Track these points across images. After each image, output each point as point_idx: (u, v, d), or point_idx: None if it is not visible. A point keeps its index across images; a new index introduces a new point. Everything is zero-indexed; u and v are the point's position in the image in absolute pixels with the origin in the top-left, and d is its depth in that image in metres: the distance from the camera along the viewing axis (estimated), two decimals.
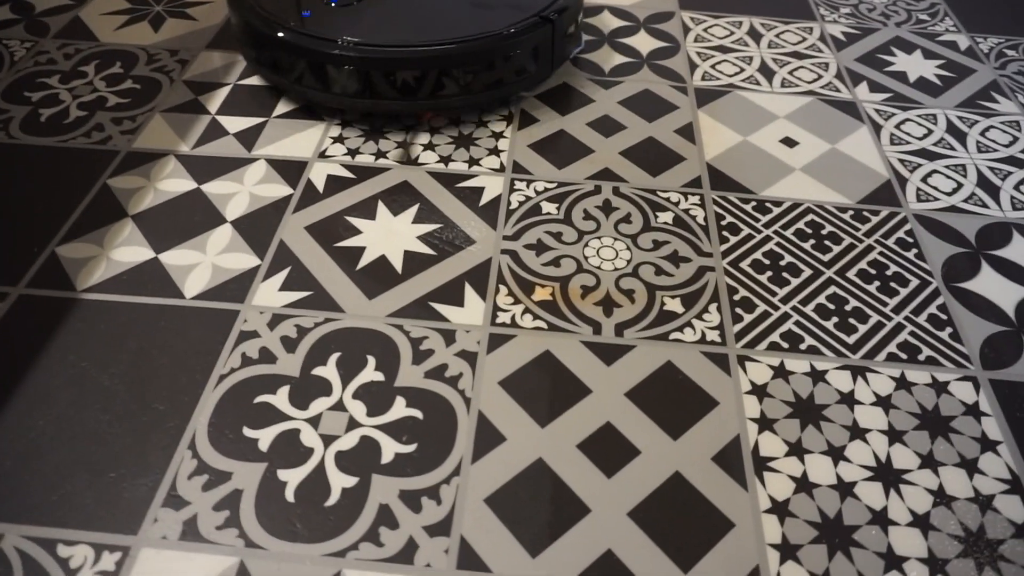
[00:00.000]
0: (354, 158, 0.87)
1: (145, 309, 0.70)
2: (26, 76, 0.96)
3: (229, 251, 0.76)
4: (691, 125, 0.94)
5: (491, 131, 0.91)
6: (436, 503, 0.57)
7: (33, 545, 0.54)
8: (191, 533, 0.55)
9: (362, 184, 0.84)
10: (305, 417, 0.62)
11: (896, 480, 0.60)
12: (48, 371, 0.65)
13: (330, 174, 0.85)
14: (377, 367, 0.66)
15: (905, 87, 1.02)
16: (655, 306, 0.72)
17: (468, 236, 0.77)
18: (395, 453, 0.60)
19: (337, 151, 0.88)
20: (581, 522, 0.57)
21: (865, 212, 0.83)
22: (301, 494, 0.57)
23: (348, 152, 0.87)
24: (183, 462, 0.59)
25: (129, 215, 0.79)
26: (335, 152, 0.87)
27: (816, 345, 0.70)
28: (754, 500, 0.59)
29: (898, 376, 0.68)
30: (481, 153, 0.88)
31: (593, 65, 1.03)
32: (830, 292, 0.75)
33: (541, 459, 0.60)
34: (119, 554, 0.54)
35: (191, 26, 1.07)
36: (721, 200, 0.84)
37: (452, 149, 0.88)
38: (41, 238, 0.76)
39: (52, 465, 0.59)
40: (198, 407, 0.63)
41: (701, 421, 0.64)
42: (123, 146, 0.87)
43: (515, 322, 0.70)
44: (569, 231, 0.79)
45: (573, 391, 0.65)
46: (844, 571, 0.55)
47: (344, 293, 0.72)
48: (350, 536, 0.55)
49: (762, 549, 0.56)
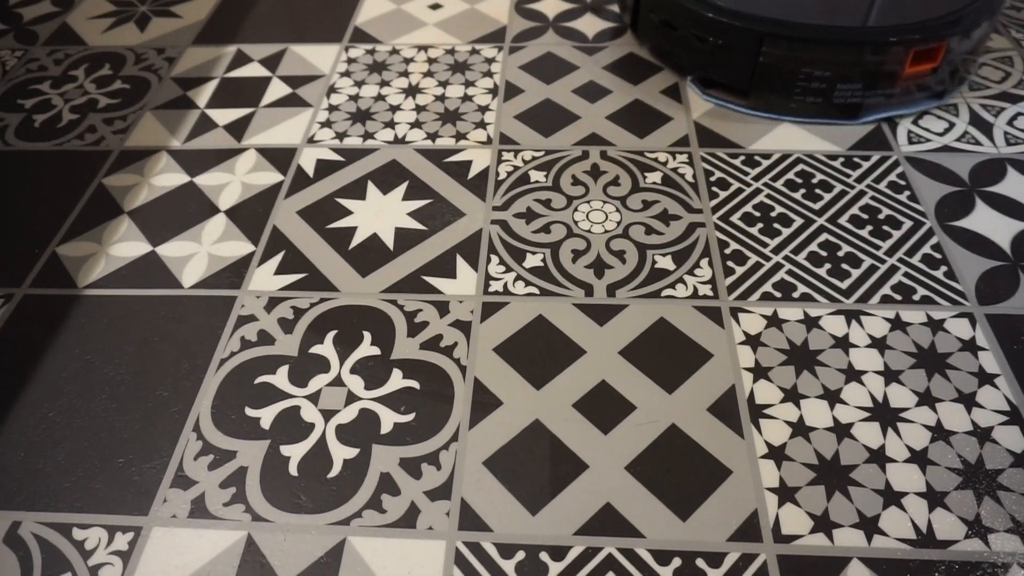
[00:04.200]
0: (342, 141, 0.87)
1: (145, 301, 0.71)
2: (19, 84, 0.98)
3: (224, 240, 0.77)
4: (677, 85, 0.93)
5: (477, 105, 0.91)
6: (436, 468, 0.58)
7: (49, 530, 0.56)
8: (199, 511, 0.57)
9: (351, 166, 0.84)
10: (305, 394, 0.64)
11: (893, 419, 0.61)
12: (56, 365, 0.67)
13: (319, 158, 0.85)
14: (373, 342, 0.67)
15: None
16: (646, 265, 0.72)
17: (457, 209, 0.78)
18: (394, 423, 0.61)
19: (325, 135, 0.88)
20: (579, 478, 0.58)
21: (856, 158, 0.83)
22: (304, 468, 0.59)
23: (336, 136, 0.88)
24: (189, 444, 0.61)
25: (125, 211, 0.80)
26: (323, 136, 0.88)
27: (809, 292, 0.70)
28: (751, 447, 0.59)
29: (892, 317, 0.67)
30: (467, 127, 0.88)
31: (577, 32, 1.03)
32: (822, 239, 0.74)
33: (538, 420, 0.61)
34: (131, 534, 0.56)
35: (176, 24, 1.08)
36: (709, 157, 0.84)
37: (439, 125, 0.89)
38: (42, 239, 0.78)
39: (64, 453, 0.60)
40: (201, 391, 0.64)
41: (696, 374, 0.64)
42: (116, 145, 0.89)
43: (507, 290, 0.71)
44: (558, 197, 0.79)
45: (567, 353, 0.66)
46: (843, 509, 0.55)
47: (338, 273, 0.73)
48: (353, 505, 0.57)
49: (760, 493, 0.56)
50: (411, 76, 0.96)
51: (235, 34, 1.06)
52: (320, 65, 0.99)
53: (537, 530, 0.55)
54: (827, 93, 0.83)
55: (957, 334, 0.66)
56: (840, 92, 0.83)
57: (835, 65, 0.81)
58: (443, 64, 0.98)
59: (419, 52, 1.00)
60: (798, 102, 0.85)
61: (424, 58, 0.99)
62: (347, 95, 0.94)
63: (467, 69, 0.97)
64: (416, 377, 0.64)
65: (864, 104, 0.84)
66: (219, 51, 1.03)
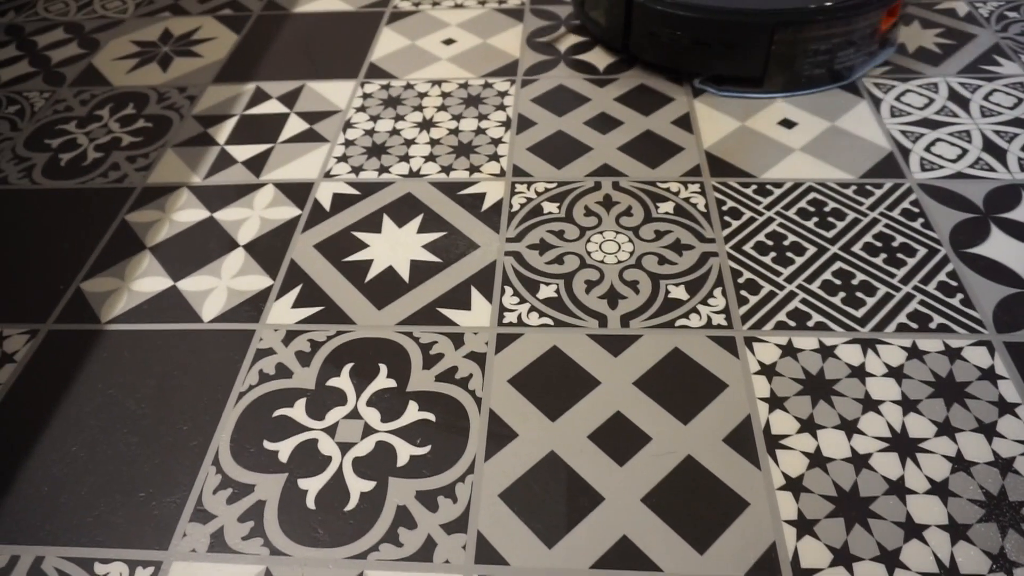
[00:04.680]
0: (358, 175, 0.89)
1: (166, 335, 0.73)
2: (46, 124, 1.01)
3: (243, 274, 0.78)
4: (688, 115, 0.94)
5: (490, 137, 0.93)
6: (452, 501, 0.59)
7: (72, 565, 0.57)
8: (218, 545, 0.57)
9: (367, 199, 0.86)
10: (322, 427, 0.64)
11: (912, 449, 0.60)
12: (78, 399, 0.68)
13: (336, 192, 0.87)
14: (389, 374, 0.68)
15: (903, 58, 1.02)
16: (660, 295, 0.73)
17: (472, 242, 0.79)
18: (410, 456, 0.62)
19: (342, 170, 0.90)
20: (595, 511, 0.58)
21: (868, 186, 0.83)
22: (321, 501, 0.59)
23: (352, 170, 0.90)
24: (208, 478, 0.61)
25: (147, 247, 0.82)
26: (340, 171, 0.90)
27: (824, 321, 0.70)
28: (767, 478, 0.59)
29: (909, 346, 0.67)
30: (481, 160, 0.90)
31: (587, 65, 1.05)
32: (836, 268, 0.74)
33: (553, 452, 0.61)
34: (152, 569, 0.56)
35: (197, 63, 1.11)
36: (721, 186, 0.84)
37: (453, 158, 0.90)
38: (66, 275, 0.80)
39: (86, 487, 0.61)
40: (220, 424, 0.65)
41: (711, 404, 0.64)
42: (138, 182, 0.91)
43: (522, 321, 0.71)
44: (571, 228, 0.80)
45: (582, 384, 0.66)
46: (863, 542, 0.55)
47: (354, 305, 0.74)
48: (370, 538, 0.57)
49: (778, 526, 0.56)
50: (425, 110, 0.98)
51: (254, 72, 1.08)
52: (336, 101, 1.01)
53: (554, 563, 0.55)
54: (829, 64, 0.93)
55: (975, 363, 0.66)
56: (839, 59, 0.93)
57: (835, 37, 0.90)
58: (456, 98, 1.00)
59: (433, 86, 1.02)
60: (807, 77, 0.93)
61: (438, 92, 1.01)
62: (363, 130, 0.96)
63: (480, 103, 0.99)
64: (432, 409, 0.65)
65: (854, 65, 0.95)
66: (238, 89, 1.05)
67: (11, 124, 1.01)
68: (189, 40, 1.17)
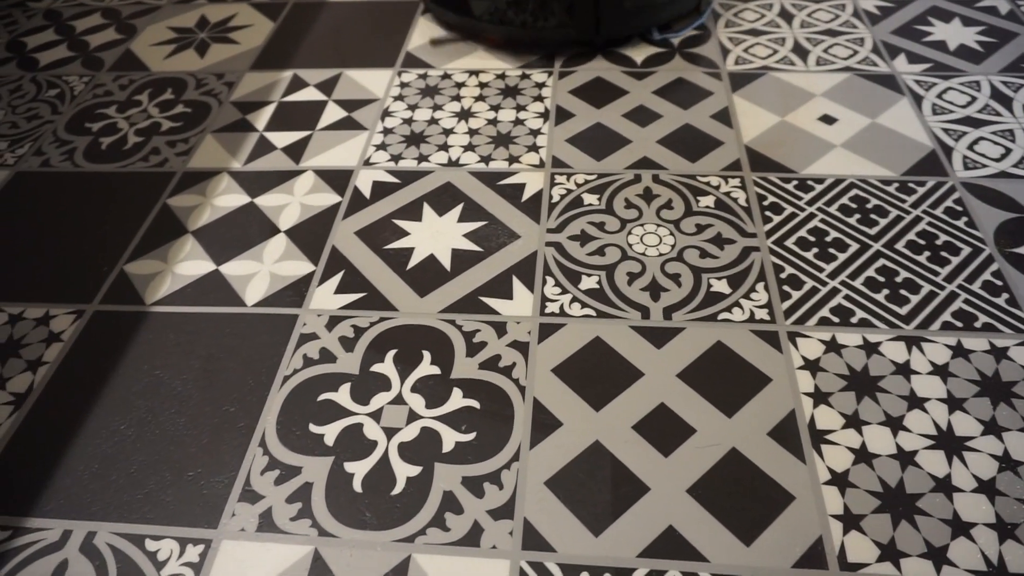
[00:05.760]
0: (397, 163, 0.89)
1: (210, 318, 0.73)
2: (86, 108, 1.02)
3: (285, 259, 0.79)
4: (727, 110, 0.94)
5: (529, 128, 0.93)
6: (498, 488, 0.59)
7: (123, 541, 0.57)
8: (267, 525, 0.58)
9: (407, 188, 0.86)
10: (367, 412, 0.65)
11: (959, 447, 0.60)
12: (125, 380, 0.69)
13: (376, 180, 0.87)
14: (433, 361, 0.68)
15: (945, 56, 1.01)
16: (702, 288, 0.73)
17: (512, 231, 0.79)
18: (455, 442, 0.62)
19: (381, 157, 0.90)
20: (641, 501, 0.58)
21: (911, 184, 0.83)
22: (368, 484, 0.60)
23: (391, 158, 0.90)
24: (255, 459, 0.62)
25: (189, 231, 0.83)
26: (379, 159, 0.90)
27: (867, 318, 0.69)
28: (813, 472, 0.59)
29: (954, 344, 0.67)
30: (520, 151, 0.90)
31: (625, 58, 1.04)
32: (879, 265, 0.74)
33: (598, 441, 0.62)
34: (202, 547, 0.57)
35: (234, 50, 1.12)
36: (762, 181, 0.84)
37: (492, 148, 0.90)
38: (110, 257, 0.81)
39: (135, 466, 0.62)
40: (266, 407, 0.66)
41: (755, 398, 0.64)
42: (179, 167, 0.91)
43: (564, 311, 0.71)
44: (612, 220, 0.80)
45: (625, 375, 0.66)
46: (910, 539, 0.55)
47: (396, 293, 0.74)
48: (417, 522, 0.57)
49: (824, 520, 0.56)
50: (463, 100, 0.98)
51: (291, 60, 1.09)
52: (374, 89, 1.01)
53: (600, 551, 0.55)
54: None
55: (1022, 362, 0.65)
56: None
57: None
58: (494, 89, 1.00)
59: (470, 77, 1.02)
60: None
61: (475, 83, 1.01)
62: (401, 118, 0.96)
63: (518, 94, 0.99)
64: (476, 396, 0.65)
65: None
66: (276, 76, 1.06)
67: (52, 107, 1.02)
68: (226, 27, 1.17)
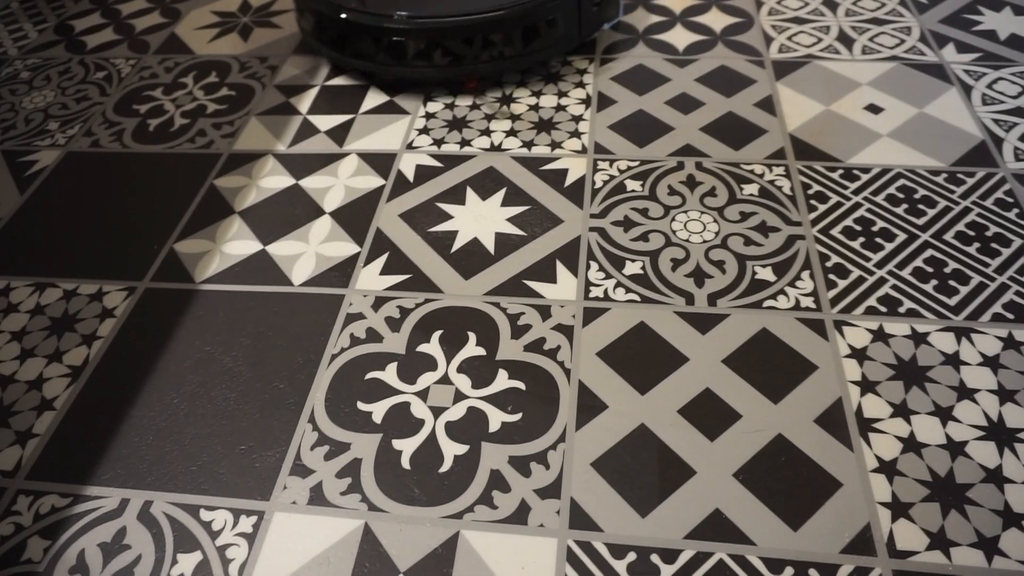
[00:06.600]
0: (440, 147, 0.90)
1: (258, 297, 0.75)
2: (133, 91, 1.04)
3: (330, 240, 0.80)
4: (771, 98, 0.93)
5: (571, 115, 0.93)
6: (544, 468, 0.60)
7: (179, 510, 0.59)
8: (318, 498, 0.59)
9: (450, 172, 0.87)
10: (414, 391, 0.66)
11: (1010, 439, 0.59)
12: (177, 355, 0.70)
13: (419, 164, 0.88)
14: (478, 343, 0.69)
15: (996, 45, 0.99)
16: (746, 276, 0.73)
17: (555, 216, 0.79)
18: (501, 422, 0.63)
19: (423, 142, 0.91)
20: (687, 483, 0.58)
21: (959, 174, 0.82)
22: (416, 461, 0.61)
23: (434, 142, 0.91)
24: (305, 434, 0.63)
25: (236, 211, 0.84)
26: (421, 143, 0.91)
27: (916, 308, 0.69)
28: (860, 460, 0.59)
29: (1005, 336, 0.66)
30: (562, 136, 0.90)
31: (667, 45, 1.04)
32: (927, 255, 0.73)
33: (643, 424, 0.62)
34: (255, 518, 0.58)
35: (277, 34, 1.13)
36: (806, 170, 0.83)
37: (534, 134, 0.91)
38: (159, 236, 0.82)
39: (189, 438, 0.64)
40: (314, 384, 0.67)
41: (801, 385, 0.64)
42: (224, 149, 0.93)
43: (608, 296, 0.72)
44: (655, 207, 0.80)
45: (670, 359, 0.66)
46: (960, 528, 0.55)
47: (441, 275, 0.75)
48: (465, 499, 0.58)
49: (872, 507, 0.56)
50: (504, 86, 0.98)
51: None
52: None
53: (647, 532, 0.55)
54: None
55: None
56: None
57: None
58: (535, 74, 1.00)
59: None
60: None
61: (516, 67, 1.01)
62: (443, 103, 0.96)
63: (559, 80, 0.99)
64: (521, 378, 0.66)
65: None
66: (317, 60, 1.07)
67: (100, 89, 1.04)
68: (268, 11, 1.18)
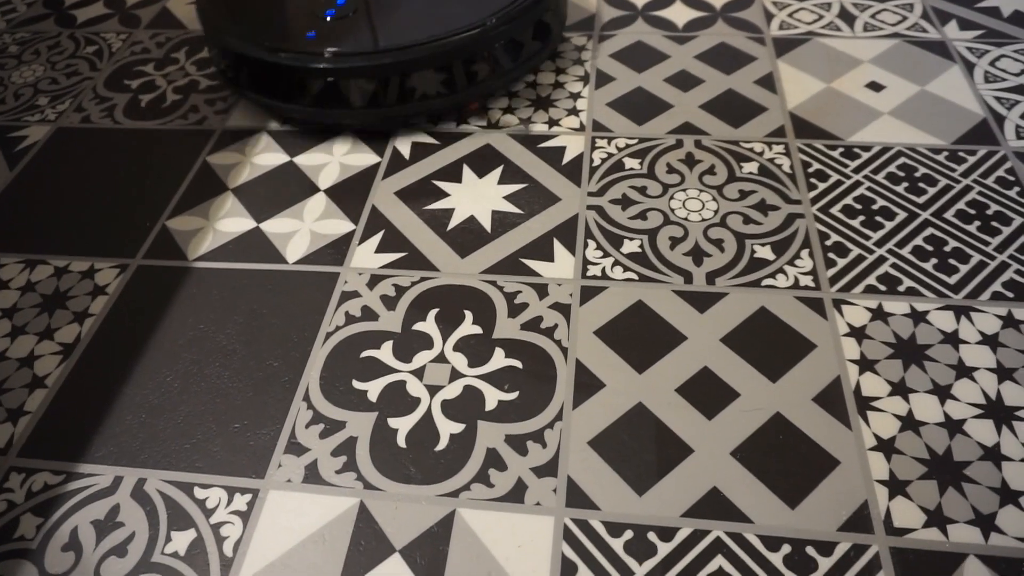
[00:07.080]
0: (436, 125, 0.89)
1: (252, 274, 0.74)
2: (124, 65, 1.02)
3: (325, 218, 0.79)
4: (771, 75, 0.92)
5: (568, 92, 0.92)
6: (541, 446, 0.59)
7: (173, 488, 0.58)
8: (313, 477, 0.59)
9: (446, 149, 0.86)
10: (410, 369, 0.65)
11: (1008, 417, 0.59)
12: (170, 332, 0.69)
13: (415, 141, 0.87)
14: (475, 321, 0.68)
15: (999, 22, 0.98)
16: (745, 254, 0.72)
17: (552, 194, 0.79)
18: (498, 400, 0.62)
19: (419, 119, 0.90)
20: (685, 462, 0.58)
21: (961, 152, 0.81)
22: (412, 440, 0.60)
23: (430, 120, 0.90)
24: (300, 412, 0.63)
25: (229, 188, 0.83)
26: (417, 120, 0.90)
27: (915, 287, 0.68)
28: (859, 438, 0.58)
29: (1005, 315, 0.66)
30: (560, 114, 0.89)
31: (666, 21, 1.02)
32: (927, 234, 0.73)
33: (641, 403, 0.62)
34: (249, 496, 0.58)
35: None
36: (806, 148, 0.83)
37: (531, 111, 0.89)
38: (152, 213, 0.81)
39: (183, 416, 0.63)
40: (309, 362, 0.66)
41: (799, 364, 0.64)
42: (217, 125, 0.91)
43: (605, 274, 0.71)
44: (654, 185, 0.79)
45: (668, 338, 0.66)
46: (957, 505, 0.54)
47: (437, 253, 0.74)
48: (462, 478, 0.58)
49: (870, 485, 0.56)
50: None
51: None
52: None
53: (644, 510, 0.55)
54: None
55: None
56: None
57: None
58: None
59: None
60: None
61: None
62: None
63: (557, 56, 0.97)
64: (518, 356, 0.65)
65: None
66: None
67: (90, 64, 1.03)
68: None
